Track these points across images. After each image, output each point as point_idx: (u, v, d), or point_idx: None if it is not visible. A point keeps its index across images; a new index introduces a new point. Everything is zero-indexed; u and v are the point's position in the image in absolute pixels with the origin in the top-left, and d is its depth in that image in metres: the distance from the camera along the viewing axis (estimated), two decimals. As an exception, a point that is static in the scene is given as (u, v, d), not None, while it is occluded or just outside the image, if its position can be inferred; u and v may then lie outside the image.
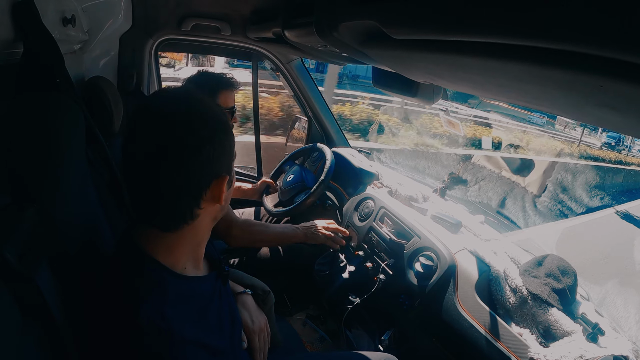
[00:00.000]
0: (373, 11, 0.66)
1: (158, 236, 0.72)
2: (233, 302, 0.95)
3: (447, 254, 1.36)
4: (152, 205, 0.71)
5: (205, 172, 0.70)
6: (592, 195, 11.80)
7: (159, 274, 0.70)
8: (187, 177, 0.69)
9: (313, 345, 1.80)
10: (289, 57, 2.16)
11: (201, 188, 0.71)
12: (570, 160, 13.09)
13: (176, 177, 0.68)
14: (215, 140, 0.70)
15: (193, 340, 0.68)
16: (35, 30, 0.96)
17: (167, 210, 0.71)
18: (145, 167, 0.68)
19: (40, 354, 0.65)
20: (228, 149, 0.74)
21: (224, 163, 0.73)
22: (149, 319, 0.63)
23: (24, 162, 0.72)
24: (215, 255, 0.91)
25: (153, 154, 0.67)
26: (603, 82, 0.40)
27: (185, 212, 0.71)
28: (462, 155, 10.52)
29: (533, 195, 9.38)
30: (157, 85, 2.23)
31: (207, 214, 0.75)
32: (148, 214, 0.72)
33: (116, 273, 0.71)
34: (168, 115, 0.69)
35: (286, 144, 2.62)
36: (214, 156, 0.70)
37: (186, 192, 0.70)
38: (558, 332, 1.13)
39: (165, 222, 0.72)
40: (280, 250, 1.88)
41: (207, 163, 0.70)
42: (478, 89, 0.86)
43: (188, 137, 0.67)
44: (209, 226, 0.79)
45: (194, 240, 0.77)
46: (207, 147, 0.69)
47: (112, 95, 1.59)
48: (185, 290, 0.73)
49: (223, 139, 0.72)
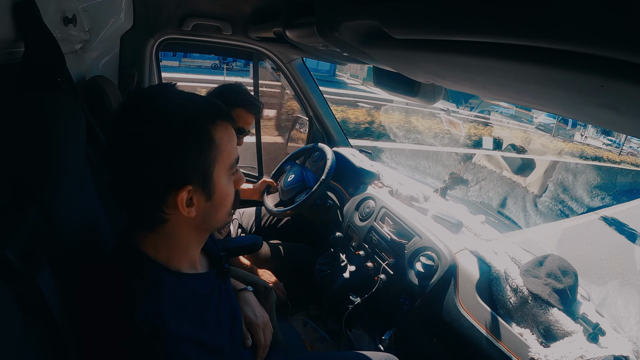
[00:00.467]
0: (374, 11, 0.66)
1: (145, 235, 0.72)
2: (234, 300, 0.94)
3: (448, 253, 1.36)
4: (121, 201, 0.72)
5: (160, 178, 0.66)
6: (593, 195, 11.79)
7: (155, 271, 0.71)
8: (138, 179, 0.66)
9: (314, 345, 1.79)
10: (290, 56, 2.16)
11: (159, 194, 0.67)
12: (571, 160, 13.09)
13: (130, 175, 0.67)
14: (176, 147, 0.65)
15: (189, 338, 0.68)
16: (36, 30, 0.96)
17: (133, 209, 0.71)
18: (109, 162, 0.70)
19: (41, 353, 0.65)
20: (197, 158, 0.68)
21: (188, 174, 0.68)
22: (145, 317, 0.63)
23: (24, 162, 0.72)
24: (215, 252, 0.91)
25: (114, 148, 0.68)
26: (604, 82, 0.40)
27: (148, 213, 0.69)
28: (463, 155, 10.53)
29: (534, 195, 9.38)
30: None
31: (180, 221, 0.71)
32: (127, 211, 0.73)
33: (113, 271, 0.71)
34: (131, 109, 0.68)
35: (287, 143, 2.62)
36: (171, 164, 0.66)
37: (143, 193, 0.67)
38: (559, 332, 1.13)
39: (139, 220, 0.72)
40: (281, 250, 1.88)
41: (161, 169, 0.66)
42: (479, 89, 0.86)
43: (141, 136, 0.65)
44: (190, 232, 0.75)
45: (177, 241, 0.74)
46: (162, 153, 0.65)
47: (113, 94, 1.60)
48: (182, 287, 0.73)
49: (189, 147, 0.66)
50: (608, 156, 16.07)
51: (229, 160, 0.73)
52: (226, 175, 0.74)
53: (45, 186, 0.73)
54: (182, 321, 0.68)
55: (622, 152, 18.08)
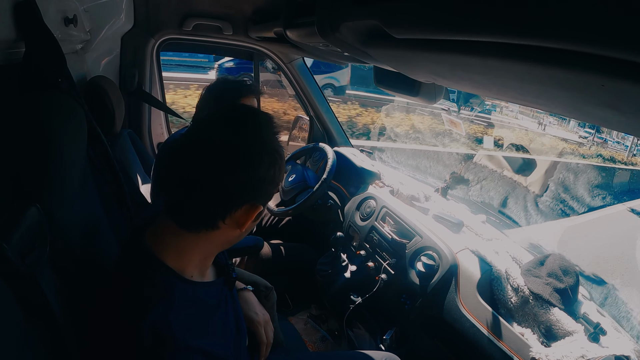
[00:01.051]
0: (375, 11, 0.66)
1: (173, 235, 0.71)
2: (239, 308, 0.93)
3: (449, 253, 1.36)
4: (183, 196, 0.69)
5: (245, 192, 0.69)
6: (594, 194, 11.77)
7: (167, 278, 0.70)
8: (227, 187, 0.67)
9: (315, 344, 1.80)
10: (290, 56, 2.16)
11: (233, 204, 0.69)
12: (572, 160, 13.06)
13: (219, 181, 0.67)
14: (271, 165, 0.69)
15: (196, 348, 0.67)
16: (36, 30, 0.96)
17: (194, 207, 0.69)
18: (187, 157, 0.69)
19: (42, 353, 0.65)
20: (275, 182, 0.72)
21: (264, 194, 0.72)
22: (154, 326, 0.63)
23: (25, 162, 0.73)
24: (223, 260, 0.90)
25: (203, 147, 0.68)
26: (605, 81, 0.40)
27: (208, 217, 0.70)
28: (464, 155, 10.52)
29: (535, 195, 9.36)
30: (159, 84, 2.23)
31: (225, 233, 0.73)
32: (175, 205, 0.71)
33: (124, 276, 0.70)
34: (235, 120, 0.70)
35: (288, 143, 2.62)
36: (262, 184, 0.70)
37: (219, 200, 0.68)
38: (560, 332, 1.13)
39: (187, 219, 0.70)
40: (282, 249, 1.88)
41: (251, 186, 0.69)
42: (480, 89, 0.86)
43: (253, 146, 0.68)
44: (222, 245, 0.77)
45: (205, 250, 0.75)
46: (262, 170, 0.68)
47: (113, 94, 1.60)
48: (192, 296, 0.73)
49: (274, 169, 0.70)
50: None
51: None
52: None
53: (46, 186, 0.73)
54: (189, 330, 0.67)
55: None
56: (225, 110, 0.74)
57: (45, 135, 0.75)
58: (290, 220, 2.11)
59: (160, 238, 0.72)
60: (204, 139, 0.69)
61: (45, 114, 0.77)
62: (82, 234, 0.84)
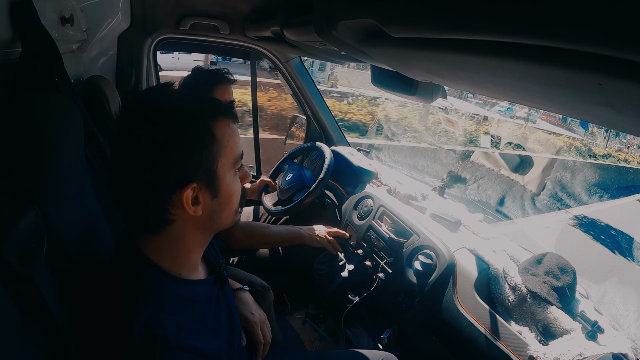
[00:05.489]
0: (372, 9, 0.66)
1: (147, 238, 0.71)
2: (233, 307, 0.93)
3: (447, 252, 1.36)
4: (126, 204, 0.71)
5: (164, 177, 0.66)
6: (591, 192, 11.82)
7: (157, 277, 0.70)
8: (143, 179, 0.66)
9: (312, 344, 1.80)
10: (287, 55, 2.16)
11: (164, 193, 0.67)
12: (569, 158, 13.10)
13: (134, 177, 0.66)
14: (178, 145, 0.65)
15: (188, 346, 0.67)
16: (33, 30, 0.96)
17: (138, 211, 0.70)
18: (113, 165, 0.69)
19: (39, 354, 0.65)
20: (199, 156, 0.67)
21: (192, 171, 0.67)
22: (145, 325, 0.63)
23: (22, 162, 0.72)
24: (213, 259, 0.90)
25: (116, 152, 0.68)
26: (602, 80, 0.40)
27: (154, 215, 0.68)
28: (462, 153, 10.54)
29: (532, 194, 9.41)
30: (156, 84, 2.23)
31: (186, 222, 0.71)
32: (128, 214, 0.72)
33: (115, 275, 0.70)
34: (130, 111, 0.69)
35: (285, 142, 2.62)
36: (174, 162, 0.65)
37: (148, 194, 0.67)
38: (557, 330, 1.13)
39: (142, 223, 0.71)
40: (279, 249, 1.88)
41: (165, 168, 0.65)
42: (477, 88, 0.86)
43: (142, 137, 0.64)
44: (196, 233, 0.74)
45: (181, 245, 0.73)
46: (164, 151, 0.64)
47: (110, 94, 1.59)
48: (182, 294, 0.73)
49: (191, 144, 0.66)
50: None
51: (233, 156, 0.72)
52: (231, 171, 0.73)
53: (43, 186, 0.73)
54: (181, 329, 0.67)
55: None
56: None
57: (42, 135, 0.74)
58: (288, 219, 2.10)
59: (141, 238, 0.72)
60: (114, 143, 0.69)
61: (42, 114, 0.77)
62: (79, 233, 0.83)
